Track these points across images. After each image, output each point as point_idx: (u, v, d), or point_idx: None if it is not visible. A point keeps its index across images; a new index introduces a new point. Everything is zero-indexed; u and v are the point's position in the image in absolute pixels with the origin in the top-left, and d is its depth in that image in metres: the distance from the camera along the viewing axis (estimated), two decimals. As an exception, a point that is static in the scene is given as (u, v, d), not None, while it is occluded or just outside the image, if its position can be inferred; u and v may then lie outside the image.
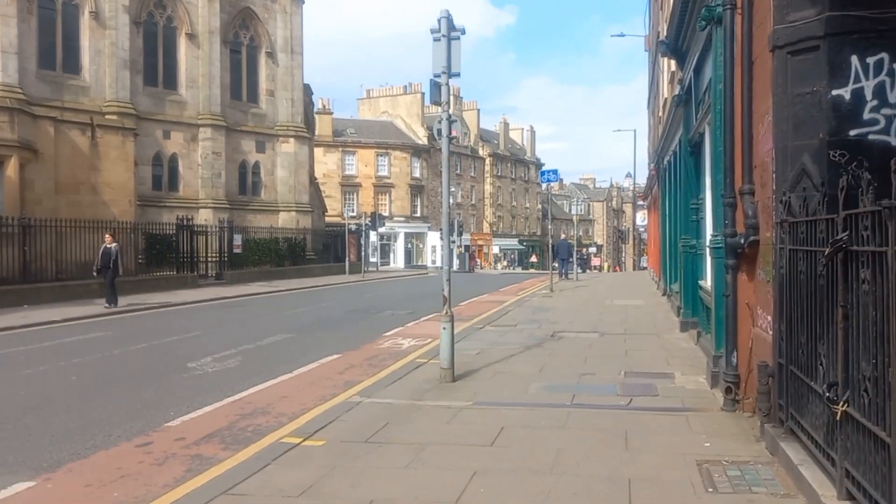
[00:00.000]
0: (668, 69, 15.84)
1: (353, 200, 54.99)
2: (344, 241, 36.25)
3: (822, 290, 4.20)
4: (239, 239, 28.15)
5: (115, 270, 16.49)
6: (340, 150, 55.77)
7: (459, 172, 63.46)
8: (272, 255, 30.45)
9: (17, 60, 24.11)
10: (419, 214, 59.53)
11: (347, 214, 40.30)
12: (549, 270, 25.59)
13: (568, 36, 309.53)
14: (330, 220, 43.19)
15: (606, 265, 73.78)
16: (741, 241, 6.06)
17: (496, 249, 68.19)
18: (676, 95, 11.50)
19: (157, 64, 29.83)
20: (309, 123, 37.51)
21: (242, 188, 33.22)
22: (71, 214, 20.11)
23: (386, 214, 51.75)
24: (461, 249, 47.43)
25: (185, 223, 25.08)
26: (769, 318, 5.44)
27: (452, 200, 56.11)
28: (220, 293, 21.59)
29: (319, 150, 50.55)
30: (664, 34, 12.33)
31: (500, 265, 63.12)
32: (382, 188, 57.35)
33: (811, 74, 4.92)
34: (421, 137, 59.61)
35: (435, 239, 57.00)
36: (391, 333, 12.44)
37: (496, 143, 71.92)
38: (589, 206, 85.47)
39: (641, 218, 43.44)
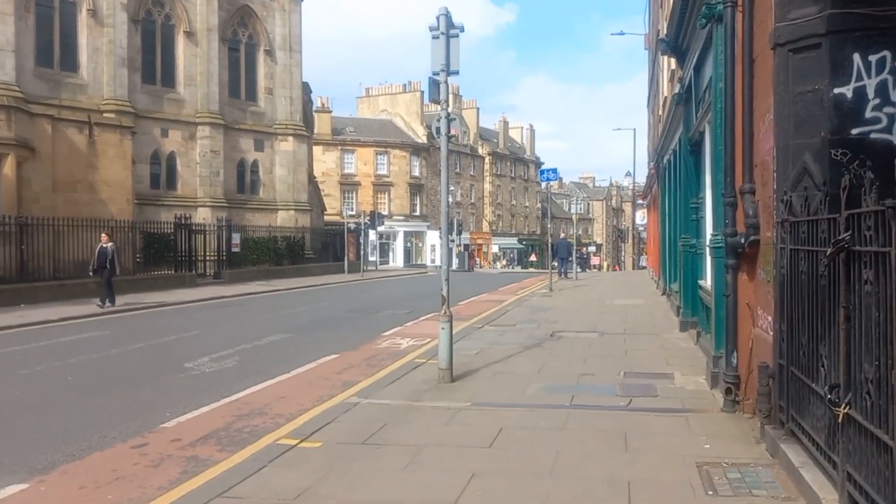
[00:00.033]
0: (668, 67, 15.79)
1: (352, 199, 54.93)
2: (343, 240, 36.18)
3: (823, 290, 4.16)
4: (237, 238, 28.08)
5: (111, 270, 16.44)
6: (339, 148, 55.71)
7: (459, 171, 63.42)
8: (271, 254, 30.38)
9: (14, 58, 24.01)
10: (418, 213, 59.47)
11: (346, 213, 40.24)
12: (548, 269, 25.56)
13: (568, 34, 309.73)
14: (329, 218, 43.13)
15: (606, 264, 73.74)
16: (742, 240, 6.02)
17: (496, 248, 68.16)
18: (676, 94, 11.45)
19: (155, 62, 29.76)
20: (308, 122, 37.44)
21: (241, 187, 33.15)
22: (68, 213, 20.05)
23: (385, 213, 51.68)
24: (460, 248, 47.37)
25: (183, 222, 25.02)
26: (770, 318, 5.39)
27: (452, 199, 56.06)
28: (218, 292, 21.54)
29: (318, 148, 50.51)
30: (664, 32, 12.29)
31: (499, 264, 63.04)
32: (381, 187, 57.29)
33: (813, 72, 4.88)
34: (420, 136, 59.53)
35: (434, 238, 56.97)
36: (390, 333, 12.41)
37: (495, 141, 71.86)
38: (588, 204, 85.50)
39: (641, 217, 43.39)
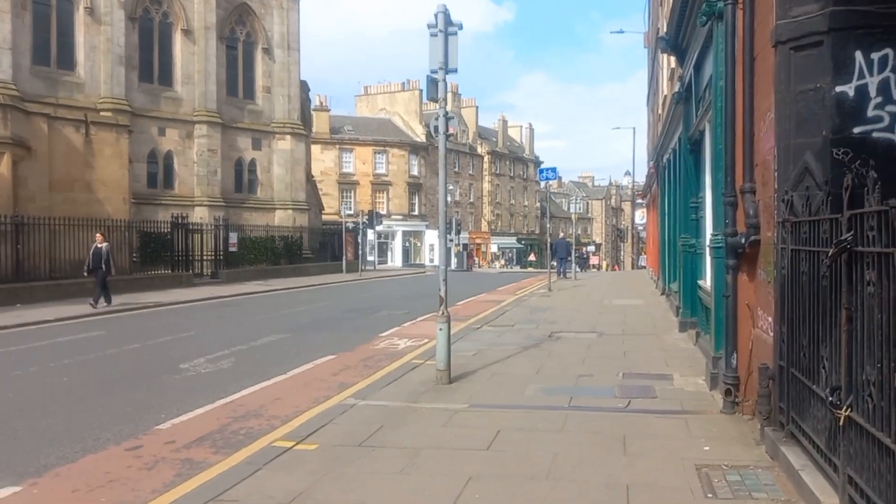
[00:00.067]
0: (667, 66, 15.75)
1: (350, 198, 54.86)
2: (341, 239, 36.10)
3: (825, 291, 4.11)
4: (234, 237, 27.98)
5: (107, 270, 16.37)
6: (338, 147, 55.63)
7: (458, 170, 63.36)
8: (268, 253, 30.30)
9: (10, 56, 23.95)
10: (417, 213, 59.39)
11: (345, 212, 40.23)
12: (547, 269, 25.51)
13: (567, 33, 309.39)
14: (327, 218, 43.08)
15: (605, 264, 73.76)
16: (742, 240, 5.97)
17: (494, 248, 68.10)
18: (676, 93, 11.40)
19: (152, 60, 29.69)
20: (306, 120, 37.37)
21: (238, 186, 33.07)
22: (65, 212, 19.95)
23: (383, 213, 51.64)
24: (459, 248, 47.34)
25: (180, 221, 24.92)
26: (770, 319, 5.34)
27: (450, 198, 56.06)
28: (215, 292, 21.47)
29: (317, 147, 50.45)
30: (664, 30, 12.24)
31: (497, 264, 62.99)
32: (380, 186, 57.22)
33: (814, 71, 4.82)
34: (419, 135, 59.45)
35: (433, 237, 56.90)
36: (387, 334, 12.34)
37: (494, 140, 71.79)
38: (587, 204, 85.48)
39: (640, 216, 43.36)
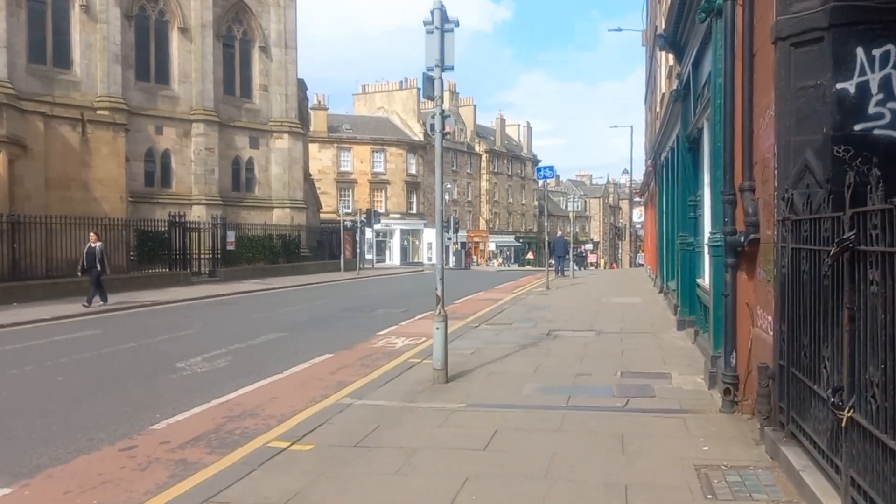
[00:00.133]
0: (665, 64, 15.69)
1: (348, 197, 54.77)
2: (339, 237, 36.03)
3: (826, 290, 4.06)
4: (232, 236, 27.91)
5: (101, 270, 16.28)
6: (336, 146, 55.53)
7: (456, 169, 63.29)
8: (266, 252, 30.22)
9: (5, 55, 23.84)
10: (415, 211, 59.33)
11: (343, 211, 40.05)
12: (545, 267, 25.47)
13: (565, 31, 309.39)
14: (325, 216, 42.98)
15: (603, 262, 73.72)
16: (741, 239, 5.92)
17: (492, 246, 68.07)
18: (674, 90, 11.35)
19: (149, 58, 29.57)
20: (303, 119, 37.27)
21: (236, 184, 32.97)
22: (61, 211, 19.87)
23: (382, 211, 51.61)
24: (457, 246, 47.26)
25: (177, 220, 24.84)
26: (770, 318, 5.29)
27: (448, 197, 56.01)
28: (212, 291, 21.40)
29: (314, 146, 50.35)
30: (662, 28, 12.18)
31: (495, 262, 62.93)
32: (378, 185, 57.15)
33: (815, 67, 4.76)
34: (417, 133, 59.34)
35: (431, 236, 56.79)
36: (385, 332, 12.29)
37: (493, 139, 71.72)
38: (585, 202, 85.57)
39: (638, 215, 43.36)
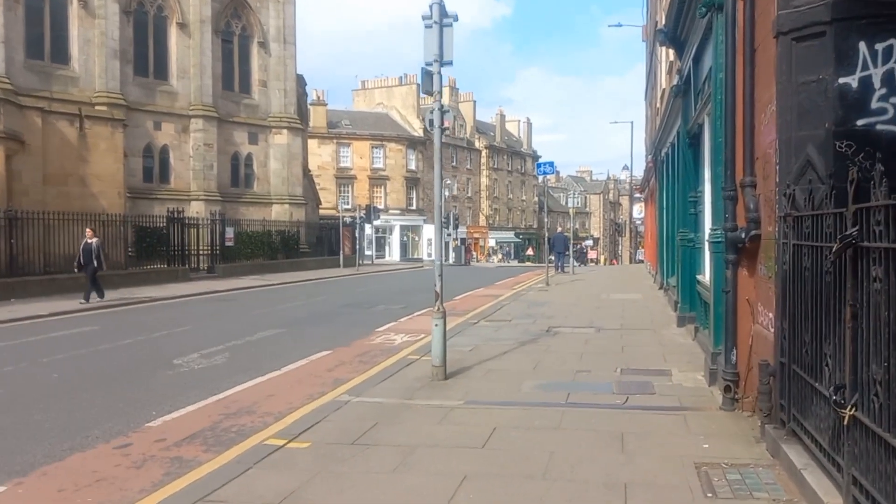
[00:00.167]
0: (666, 59, 15.62)
1: (347, 193, 54.69)
2: (338, 233, 35.97)
3: (828, 287, 4.01)
4: (231, 232, 27.85)
5: (98, 266, 16.21)
6: (335, 141, 55.40)
7: (455, 165, 63.17)
8: (265, 248, 30.16)
9: (3, 50, 23.73)
10: (415, 207, 59.24)
11: (342, 207, 40.07)
12: (545, 264, 25.43)
13: (565, 26, 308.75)
14: (324, 212, 42.91)
15: (603, 258, 73.68)
16: (742, 235, 5.87)
17: (492, 242, 68.00)
18: (675, 86, 11.28)
19: (147, 54, 29.45)
20: (302, 115, 37.16)
21: (235, 180, 32.89)
22: (59, 207, 19.80)
23: (381, 207, 51.53)
24: (457, 242, 47.20)
25: (176, 216, 24.77)
26: (771, 315, 5.25)
27: (448, 193, 55.88)
28: (211, 287, 21.36)
29: (314, 141, 50.22)
30: (663, 23, 12.10)
31: (495, 258, 62.87)
32: (378, 181, 57.04)
33: (817, 62, 4.71)
34: (417, 129, 59.22)
35: (431, 232, 56.74)
36: (384, 329, 12.26)
37: (492, 135, 71.58)
38: (585, 198, 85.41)
39: (638, 211, 43.29)
